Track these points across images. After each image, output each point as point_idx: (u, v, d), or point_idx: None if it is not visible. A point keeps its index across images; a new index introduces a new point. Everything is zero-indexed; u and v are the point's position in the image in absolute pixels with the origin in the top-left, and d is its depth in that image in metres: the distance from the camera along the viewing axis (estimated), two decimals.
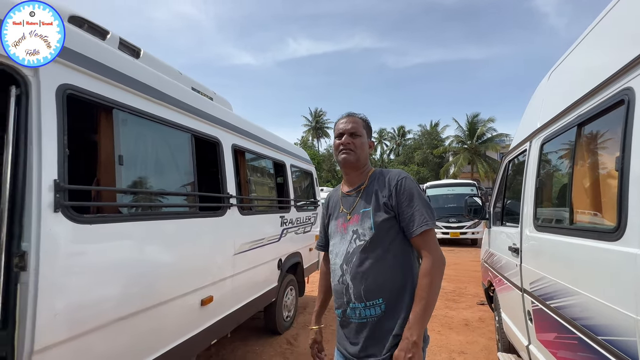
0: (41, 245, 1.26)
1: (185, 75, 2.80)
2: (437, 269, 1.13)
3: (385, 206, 1.19)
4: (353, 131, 1.27)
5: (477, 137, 27.21)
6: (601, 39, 1.49)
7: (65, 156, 1.39)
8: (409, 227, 1.16)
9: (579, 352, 1.39)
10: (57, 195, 1.33)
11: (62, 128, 1.39)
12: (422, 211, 1.16)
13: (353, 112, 1.35)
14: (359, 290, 1.17)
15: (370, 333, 1.16)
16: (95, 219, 1.52)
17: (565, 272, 1.58)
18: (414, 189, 1.19)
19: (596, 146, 1.51)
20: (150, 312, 1.75)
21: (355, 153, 1.26)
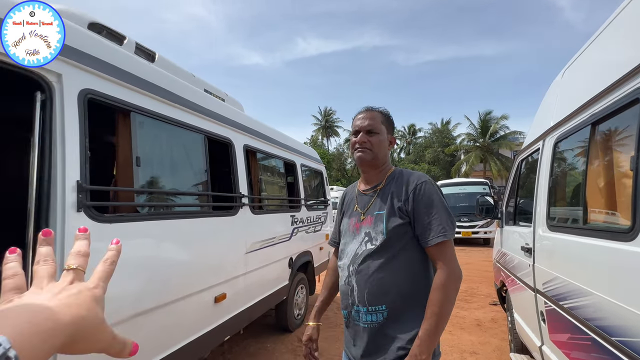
0: (65, 243, 1.33)
1: (198, 78, 2.86)
2: (452, 282, 1.05)
3: (400, 211, 1.12)
4: (369, 128, 1.19)
5: (489, 135, 26.73)
6: (616, 36, 1.47)
7: (87, 158, 1.46)
8: (424, 236, 1.09)
9: (593, 353, 1.38)
10: (79, 195, 1.39)
11: (84, 131, 1.45)
12: (441, 220, 1.08)
13: (371, 107, 1.26)
14: (362, 293, 1.13)
15: (371, 338, 1.12)
16: (114, 218, 1.58)
17: (579, 272, 1.56)
18: (434, 195, 1.11)
19: (610, 145, 1.49)
20: (167, 309, 1.81)
21: (371, 152, 1.19)
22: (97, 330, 0.33)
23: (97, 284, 0.37)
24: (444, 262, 1.07)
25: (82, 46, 1.49)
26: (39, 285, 0.34)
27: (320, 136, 41.48)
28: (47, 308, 0.30)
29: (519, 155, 3.16)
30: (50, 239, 0.38)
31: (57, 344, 0.29)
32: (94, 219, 1.45)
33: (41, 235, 0.38)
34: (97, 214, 1.48)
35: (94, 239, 1.59)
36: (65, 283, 0.35)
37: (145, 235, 1.74)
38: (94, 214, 1.46)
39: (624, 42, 1.38)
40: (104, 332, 0.35)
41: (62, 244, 1.32)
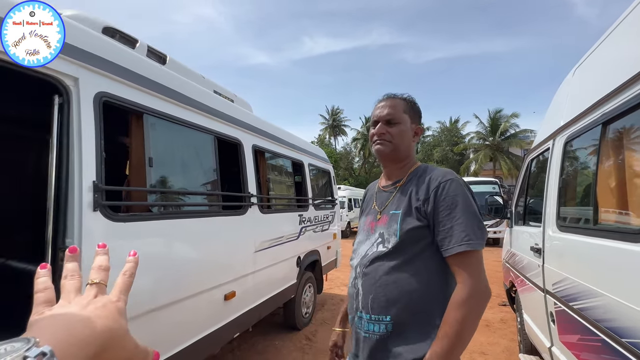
0: (83, 241, 1.38)
1: (207, 79, 2.90)
2: (474, 301, 0.88)
3: (417, 211, 0.98)
4: (389, 118, 1.07)
5: (500, 133, 26.35)
6: (629, 33, 1.45)
7: (102, 159, 1.50)
8: (444, 244, 0.94)
9: (603, 354, 1.37)
10: (95, 195, 1.44)
11: (99, 133, 1.50)
12: (465, 226, 0.92)
13: (393, 94, 1.12)
14: (367, 299, 1.01)
15: (370, 351, 1.00)
16: (128, 218, 1.63)
17: (589, 273, 1.55)
18: (459, 196, 0.95)
19: (622, 145, 1.47)
20: (179, 305, 1.85)
21: (391, 144, 1.06)
22: (122, 340, 0.35)
23: (118, 297, 0.39)
24: (466, 276, 0.90)
25: (98, 50, 1.53)
26: (66, 298, 0.36)
27: (327, 135, 41.46)
28: (83, 317, 0.33)
29: (528, 154, 3.12)
30: (76, 255, 0.40)
31: (91, 353, 0.31)
32: (109, 218, 1.50)
33: (68, 252, 0.40)
34: (112, 213, 1.52)
35: (109, 238, 1.65)
36: (91, 296, 0.37)
37: (157, 234, 1.78)
38: (109, 213, 1.50)
39: (636, 40, 1.36)
40: (129, 342, 0.36)
41: (80, 242, 1.37)
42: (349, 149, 41.11)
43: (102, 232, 1.48)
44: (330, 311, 4.47)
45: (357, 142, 39.56)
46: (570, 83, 2.14)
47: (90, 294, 0.37)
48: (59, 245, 1.35)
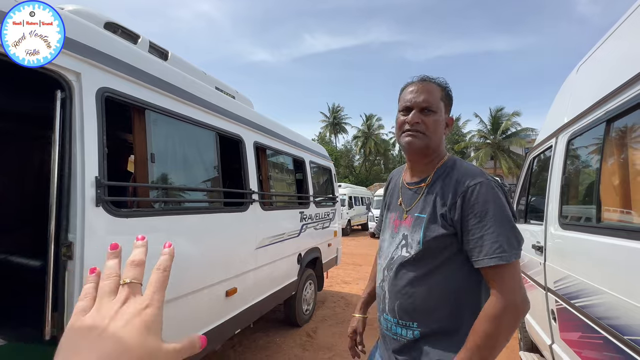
0: (85, 236, 1.38)
1: (209, 76, 2.89)
2: (509, 316, 0.80)
3: (442, 218, 0.89)
4: (426, 105, 0.93)
5: (501, 132, 26.31)
6: (633, 30, 1.44)
7: (105, 154, 1.50)
8: (473, 254, 0.86)
9: (604, 352, 1.37)
10: (98, 190, 1.44)
11: (102, 128, 1.50)
12: (498, 235, 0.82)
13: (428, 76, 0.99)
14: (393, 305, 0.97)
15: (399, 354, 0.98)
16: (130, 213, 1.63)
17: (591, 271, 1.55)
18: (490, 202, 0.85)
19: (626, 143, 1.46)
20: (181, 301, 1.86)
21: (425, 136, 0.94)
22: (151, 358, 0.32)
23: (150, 300, 0.35)
24: (500, 290, 0.82)
25: (100, 46, 1.53)
26: (98, 305, 0.34)
27: (328, 133, 41.41)
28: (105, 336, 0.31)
29: (530, 152, 3.12)
30: (117, 251, 0.37)
31: None
32: (112, 214, 1.50)
33: (109, 249, 0.37)
34: (115, 209, 1.52)
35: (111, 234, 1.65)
36: (120, 302, 0.34)
37: (159, 230, 1.78)
38: (111, 209, 1.50)
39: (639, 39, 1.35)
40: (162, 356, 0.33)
41: (82, 237, 1.37)
42: (349, 146, 41.08)
43: (105, 228, 1.48)
44: (331, 308, 4.48)
45: (358, 140, 39.52)
46: (573, 81, 2.13)
47: (119, 300, 0.34)
48: (62, 241, 1.35)
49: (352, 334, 1.23)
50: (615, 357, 1.28)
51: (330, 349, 3.24)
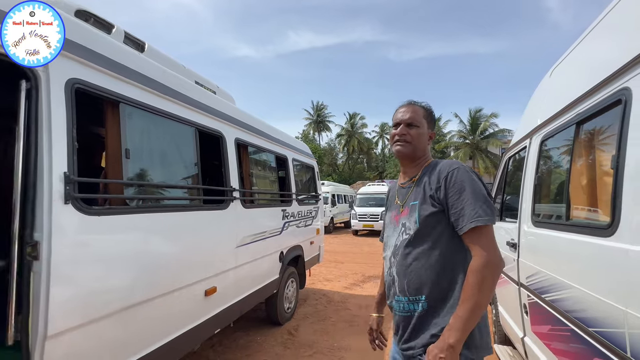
0: (52, 235, 1.31)
1: (189, 69, 2.81)
2: (489, 268, 0.99)
3: (431, 199, 1.11)
4: (410, 121, 1.20)
5: (479, 132, 27.14)
6: (601, 38, 1.51)
7: (75, 149, 1.43)
8: (458, 223, 1.05)
9: (572, 344, 1.44)
10: (67, 187, 1.37)
11: (71, 121, 1.42)
12: (475, 205, 1.02)
13: (414, 101, 1.28)
14: (402, 284, 1.14)
15: (412, 328, 1.13)
16: (103, 211, 1.56)
17: (560, 266, 1.62)
18: (465, 181, 1.07)
19: (594, 144, 1.53)
20: (157, 302, 1.80)
21: (410, 145, 1.20)
22: None
23: None
24: (479, 249, 1.01)
25: (70, 34, 1.44)
26: None
27: (312, 131, 41.36)
28: None
29: (506, 152, 3.23)
30: None
31: None
32: (82, 212, 1.43)
33: None
34: (85, 207, 1.45)
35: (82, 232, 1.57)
36: None
37: (134, 228, 1.72)
38: (81, 207, 1.43)
39: (609, 44, 1.42)
40: None
41: (49, 236, 1.30)
42: (333, 144, 41.20)
43: (75, 226, 1.41)
44: (313, 306, 4.49)
45: (341, 139, 39.69)
46: (547, 84, 2.22)
47: None
48: (27, 240, 1.28)
49: (370, 331, 1.45)
50: (582, 348, 1.34)
51: (311, 346, 3.24)
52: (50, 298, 1.29)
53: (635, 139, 1.11)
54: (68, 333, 1.36)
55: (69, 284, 1.38)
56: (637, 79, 1.12)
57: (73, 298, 1.39)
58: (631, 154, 1.11)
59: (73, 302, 1.39)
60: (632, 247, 1.06)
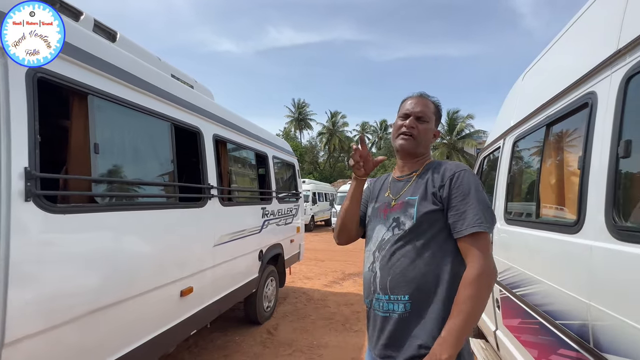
0: (11, 235, 1.21)
1: (164, 62, 2.71)
2: (484, 279, 0.94)
3: (433, 196, 1.04)
4: (421, 115, 1.12)
5: (456, 133, 27.98)
6: (569, 45, 1.58)
7: (37, 143, 1.33)
8: (457, 225, 0.99)
9: (540, 336, 1.51)
10: (27, 183, 1.28)
11: (33, 114, 1.32)
12: (478, 210, 0.98)
13: (426, 93, 1.18)
14: (384, 280, 1.05)
15: (392, 332, 1.04)
16: (69, 209, 1.47)
17: (530, 262, 1.69)
18: (472, 184, 1.02)
19: (562, 146, 1.61)
20: (128, 304, 1.72)
21: (415, 140, 1.12)
22: None
23: None
24: (476, 256, 0.96)
25: None
26: None
27: (293, 128, 41.13)
28: None
29: (481, 152, 3.33)
30: None
31: None
32: (45, 209, 1.34)
33: None
34: (49, 204, 1.36)
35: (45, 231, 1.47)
36: None
37: (104, 227, 1.63)
38: (44, 204, 1.34)
39: (577, 50, 1.49)
40: None
41: (7, 236, 1.21)
42: (314, 143, 41.18)
43: (37, 225, 1.32)
44: (292, 304, 4.47)
45: (323, 137, 39.74)
46: (519, 87, 2.30)
47: None
48: None
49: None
50: (549, 340, 1.41)
51: (290, 345, 3.23)
52: (8, 302, 1.20)
53: (600, 141, 1.16)
54: (28, 340, 1.27)
55: (30, 287, 1.29)
56: (602, 84, 1.18)
57: (34, 301, 1.30)
58: (596, 155, 1.17)
59: (34, 306, 1.30)
60: (595, 244, 1.12)
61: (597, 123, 1.18)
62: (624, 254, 0.99)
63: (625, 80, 1.06)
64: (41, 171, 1.35)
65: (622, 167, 1.06)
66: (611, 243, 1.05)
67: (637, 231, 0.97)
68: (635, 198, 1.05)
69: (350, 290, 5.17)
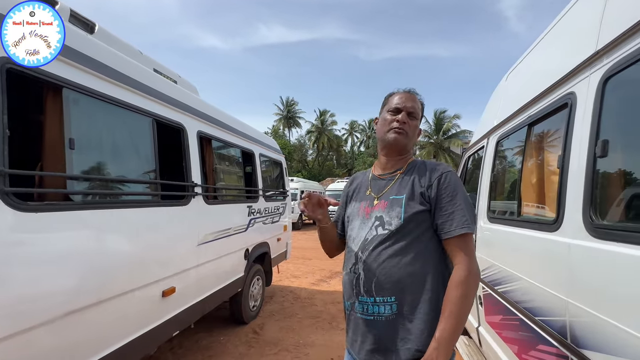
0: None
1: (146, 55, 2.63)
2: (472, 279, 0.96)
3: (421, 196, 1.03)
4: (412, 111, 1.11)
5: (442, 132, 28.41)
6: (550, 47, 1.61)
7: (6, 137, 1.26)
8: (445, 226, 1.00)
9: (520, 332, 1.53)
10: None
11: (1, 106, 1.26)
12: (465, 212, 0.99)
13: (415, 91, 1.17)
14: (369, 282, 1.03)
15: (379, 335, 1.02)
16: (41, 207, 1.40)
17: (511, 260, 1.72)
18: (459, 186, 1.04)
19: (543, 145, 1.64)
20: (105, 305, 1.66)
21: (407, 136, 1.11)
22: None
23: None
24: (464, 257, 0.97)
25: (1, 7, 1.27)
26: None
27: (281, 126, 40.90)
28: None
29: (466, 151, 3.38)
30: None
31: None
32: (15, 208, 1.27)
33: None
34: (19, 202, 1.29)
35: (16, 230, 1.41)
36: None
37: (80, 226, 1.57)
38: (14, 202, 1.27)
39: (557, 52, 1.52)
40: None
41: None
42: (303, 141, 41.07)
43: (7, 224, 1.25)
44: (279, 303, 4.45)
45: (311, 135, 39.67)
46: (503, 87, 2.34)
47: None
48: None
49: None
50: (529, 336, 1.43)
51: (276, 344, 3.21)
52: None
53: (578, 141, 1.19)
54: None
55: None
56: (581, 85, 1.20)
57: (4, 304, 1.23)
58: (575, 154, 1.20)
59: (4, 308, 1.23)
60: (573, 242, 1.14)
61: (576, 123, 1.21)
62: (601, 251, 1.01)
63: (603, 81, 1.08)
64: (10, 167, 1.28)
65: (599, 166, 1.08)
66: (588, 241, 1.07)
67: (613, 229, 0.99)
68: (612, 197, 1.08)
69: (337, 289, 5.18)
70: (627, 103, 1.05)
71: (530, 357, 1.43)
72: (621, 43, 1.00)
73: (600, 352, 0.98)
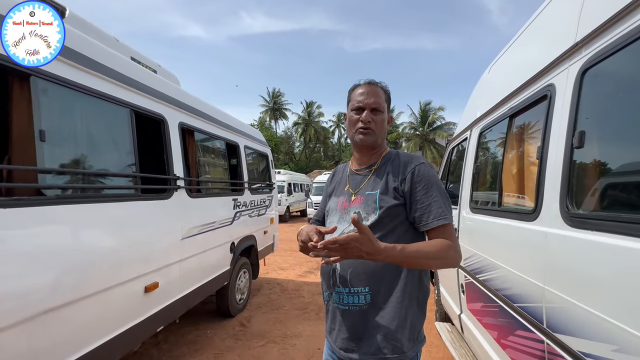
0: None
1: (122, 43, 2.52)
2: (452, 252, 0.97)
3: (395, 191, 1.05)
4: (375, 106, 1.08)
5: (428, 124, 28.76)
6: (530, 39, 1.63)
7: None
8: (422, 219, 1.01)
9: (500, 318, 1.58)
10: None
11: None
12: (440, 203, 1.01)
13: (374, 80, 1.14)
14: (345, 273, 1.05)
15: (353, 325, 1.04)
16: (9, 203, 1.33)
17: (492, 248, 1.76)
18: (432, 178, 1.04)
19: (523, 137, 1.67)
20: (84, 303, 1.62)
21: (374, 133, 1.09)
22: None
23: None
24: (447, 240, 0.99)
25: None
26: None
27: (268, 118, 40.41)
28: None
29: (450, 143, 3.43)
30: None
31: None
32: None
33: None
34: None
35: None
36: None
37: (53, 222, 1.51)
38: None
39: (537, 44, 1.53)
40: None
41: None
42: (289, 133, 40.77)
43: None
44: (266, 295, 4.45)
45: (298, 127, 39.40)
46: (485, 79, 2.36)
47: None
48: None
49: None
50: (508, 322, 1.48)
51: (263, 336, 3.21)
52: None
53: (557, 132, 1.21)
54: None
55: None
56: (560, 76, 1.22)
57: None
58: (553, 145, 1.22)
59: None
60: (550, 230, 1.18)
61: (555, 114, 1.23)
62: (576, 239, 1.04)
63: (581, 73, 1.10)
64: None
65: (576, 157, 1.10)
66: (564, 230, 1.10)
67: (588, 218, 1.02)
68: (588, 187, 1.11)
69: None
70: (604, 95, 1.07)
71: (509, 342, 1.48)
72: (600, 34, 1.02)
73: (574, 336, 1.02)
